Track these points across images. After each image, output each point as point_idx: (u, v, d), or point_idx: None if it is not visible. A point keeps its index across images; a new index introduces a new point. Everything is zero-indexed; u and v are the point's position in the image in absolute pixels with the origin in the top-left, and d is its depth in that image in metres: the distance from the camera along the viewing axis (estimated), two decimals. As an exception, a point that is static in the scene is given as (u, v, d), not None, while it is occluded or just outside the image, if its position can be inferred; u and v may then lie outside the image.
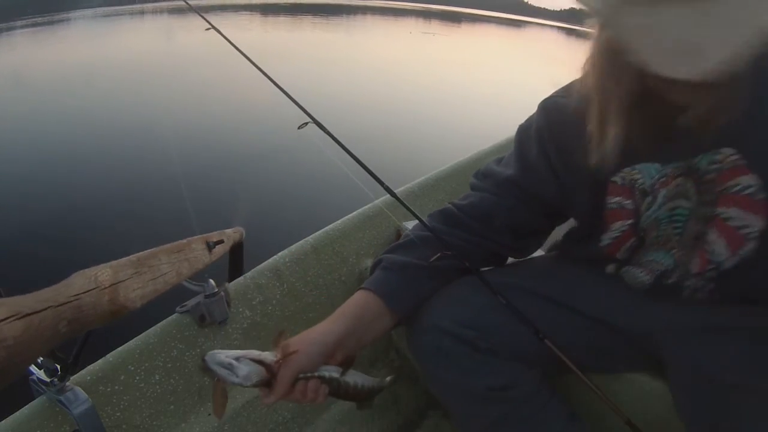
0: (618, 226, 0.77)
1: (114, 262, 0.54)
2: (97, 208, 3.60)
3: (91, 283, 0.49)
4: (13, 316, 0.40)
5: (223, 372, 0.66)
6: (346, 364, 0.76)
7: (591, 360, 0.83)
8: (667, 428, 0.81)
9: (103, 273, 0.51)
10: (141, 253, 0.61)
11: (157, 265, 0.63)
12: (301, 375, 0.71)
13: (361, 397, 0.78)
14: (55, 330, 0.43)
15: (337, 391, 0.75)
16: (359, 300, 0.82)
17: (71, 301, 0.46)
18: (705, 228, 0.70)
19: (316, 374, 0.72)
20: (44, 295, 0.44)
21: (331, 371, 0.74)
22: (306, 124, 1.00)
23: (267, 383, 0.69)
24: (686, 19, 0.50)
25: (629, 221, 0.76)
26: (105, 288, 0.50)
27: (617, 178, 0.75)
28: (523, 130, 0.86)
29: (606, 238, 0.79)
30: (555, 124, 0.80)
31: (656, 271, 0.77)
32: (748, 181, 0.65)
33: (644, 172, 0.73)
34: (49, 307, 0.43)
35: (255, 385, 0.68)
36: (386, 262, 0.85)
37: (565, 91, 0.80)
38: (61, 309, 0.44)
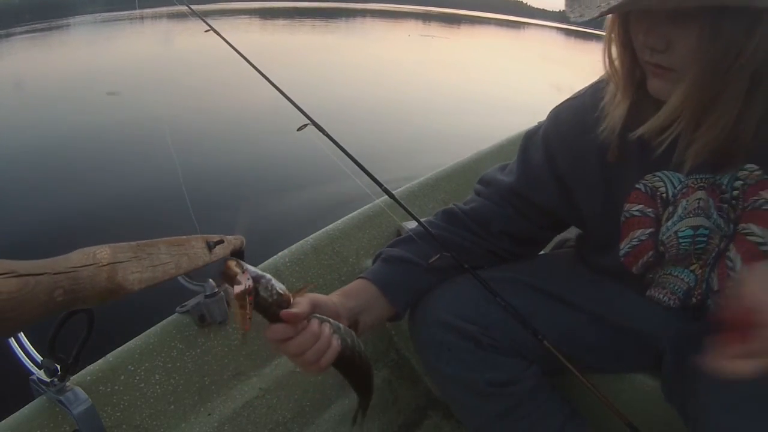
0: (638, 235, 0.75)
1: (113, 244, 0.55)
2: (93, 204, 3.61)
3: (90, 259, 0.50)
4: (9, 273, 0.40)
5: (248, 266, 0.59)
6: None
7: (592, 359, 0.83)
8: (667, 429, 0.81)
9: (101, 252, 0.51)
10: (141, 241, 0.62)
11: (157, 254, 0.63)
12: (317, 315, 0.66)
13: (362, 372, 0.72)
14: (50, 296, 0.43)
15: (351, 352, 0.68)
16: (357, 285, 0.83)
17: (69, 272, 0.46)
18: (726, 245, 0.70)
19: (331, 320, 0.68)
20: (42, 262, 0.44)
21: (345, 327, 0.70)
22: (305, 126, 1.00)
23: (282, 310, 0.62)
24: None
25: (649, 230, 0.74)
26: (103, 266, 0.51)
27: (641, 185, 0.73)
28: (529, 136, 0.85)
29: (625, 247, 0.77)
30: (566, 126, 0.78)
31: (679, 291, 0.76)
32: None
33: (667, 181, 0.71)
34: (45, 273, 0.43)
35: (278, 297, 0.61)
36: (386, 255, 0.86)
37: (580, 93, 0.79)
38: (58, 277, 0.44)
